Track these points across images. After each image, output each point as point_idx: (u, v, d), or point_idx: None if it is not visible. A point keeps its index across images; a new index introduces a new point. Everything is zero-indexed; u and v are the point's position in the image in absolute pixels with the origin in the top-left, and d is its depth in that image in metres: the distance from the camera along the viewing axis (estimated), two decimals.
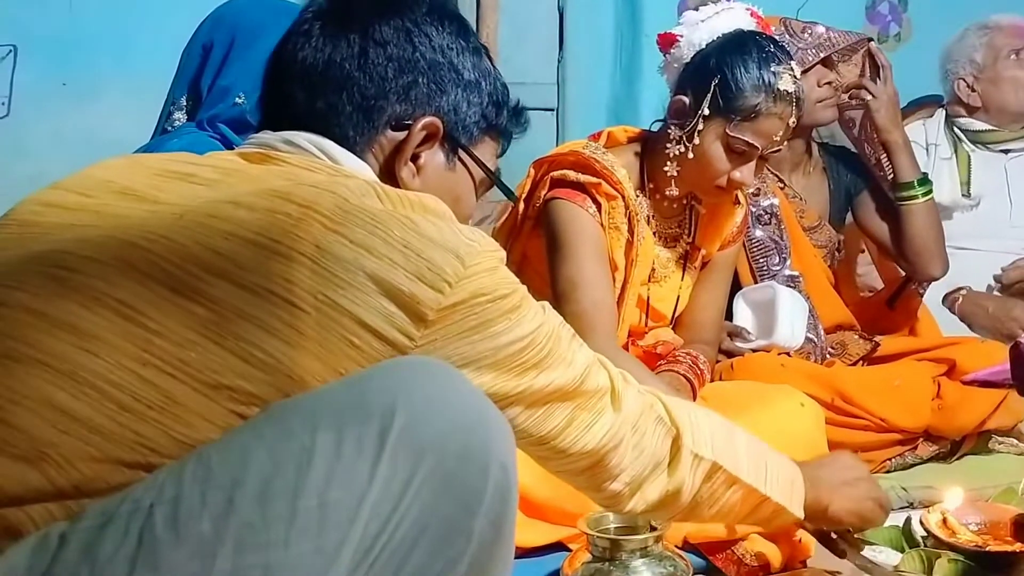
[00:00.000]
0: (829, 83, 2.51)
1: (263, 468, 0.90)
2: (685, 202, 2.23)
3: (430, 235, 1.04)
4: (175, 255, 1.01)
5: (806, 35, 2.51)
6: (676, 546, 1.67)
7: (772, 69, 2.01)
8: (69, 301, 0.99)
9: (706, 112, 2.03)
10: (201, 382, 0.96)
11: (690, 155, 2.05)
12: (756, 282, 2.46)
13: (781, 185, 2.58)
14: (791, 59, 2.08)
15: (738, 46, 2.04)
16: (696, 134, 2.04)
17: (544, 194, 2.11)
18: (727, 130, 2.02)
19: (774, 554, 1.75)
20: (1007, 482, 1.99)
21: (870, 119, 2.59)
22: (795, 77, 2.04)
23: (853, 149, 2.74)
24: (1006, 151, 3.07)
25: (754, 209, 2.45)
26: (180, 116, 2.12)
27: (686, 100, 2.06)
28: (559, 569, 1.64)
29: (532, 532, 1.71)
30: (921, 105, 3.19)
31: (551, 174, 2.11)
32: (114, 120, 2.72)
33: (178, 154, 1.21)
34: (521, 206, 2.18)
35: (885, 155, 2.60)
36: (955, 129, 3.09)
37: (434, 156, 1.24)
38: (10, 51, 2.82)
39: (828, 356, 2.50)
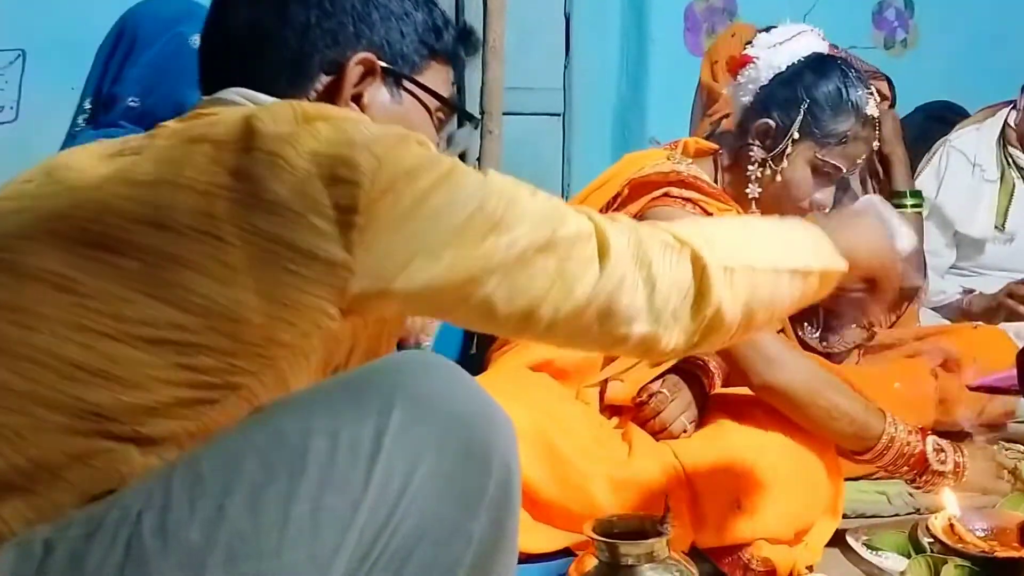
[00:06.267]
0: None
1: (254, 474, 0.88)
2: None
3: (337, 139, 1.01)
4: (96, 213, 1.00)
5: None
6: (683, 551, 1.68)
7: (859, 93, 2.03)
8: (1, 282, 0.99)
9: (795, 136, 2.03)
10: (140, 338, 0.95)
11: (778, 178, 2.05)
12: None
13: None
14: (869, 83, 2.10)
15: (825, 70, 2.05)
16: (784, 157, 2.04)
17: (638, 210, 2.05)
18: (817, 154, 2.03)
19: (780, 560, 1.75)
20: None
21: None
22: (877, 101, 2.06)
23: None
24: None
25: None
26: (82, 120, 2.16)
27: (771, 123, 2.06)
28: (565, 574, 1.64)
29: (538, 537, 1.71)
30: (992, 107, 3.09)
31: (652, 194, 2.06)
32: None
33: (119, 138, 1.19)
34: None
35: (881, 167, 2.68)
36: (1009, 154, 3.00)
37: (377, 92, 1.21)
38: (18, 55, 2.83)
39: (826, 342, 2.49)
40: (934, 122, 3.20)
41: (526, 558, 1.66)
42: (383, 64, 1.20)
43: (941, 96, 3.32)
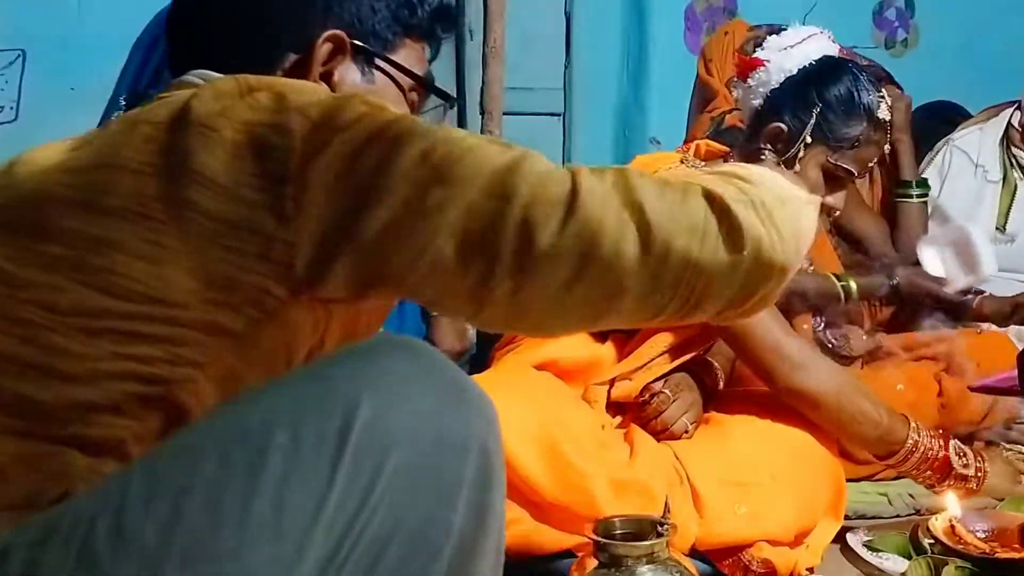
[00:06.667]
0: None
1: (213, 471, 0.84)
2: None
3: (273, 106, 0.97)
4: (35, 202, 0.98)
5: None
6: (683, 553, 1.67)
7: (871, 98, 2.02)
8: None
9: (808, 140, 2.03)
10: (77, 329, 0.93)
11: None
12: None
13: None
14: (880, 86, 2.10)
15: (837, 74, 2.04)
16: (796, 161, 2.04)
17: None
18: (829, 158, 2.02)
19: (781, 561, 1.75)
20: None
21: None
22: (888, 104, 2.05)
23: None
24: None
25: None
26: (116, 116, 2.13)
27: (783, 127, 2.05)
28: (566, 575, 1.64)
29: (540, 538, 1.70)
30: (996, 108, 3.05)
31: None
32: None
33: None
34: None
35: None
36: (1012, 155, 2.96)
37: (347, 72, 1.17)
38: (18, 56, 2.83)
39: (831, 345, 2.49)
40: (935, 122, 3.19)
41: (527, 559, 1.66)
42: (353, 42, 1.16)
43: (942, 96, 3.31)
